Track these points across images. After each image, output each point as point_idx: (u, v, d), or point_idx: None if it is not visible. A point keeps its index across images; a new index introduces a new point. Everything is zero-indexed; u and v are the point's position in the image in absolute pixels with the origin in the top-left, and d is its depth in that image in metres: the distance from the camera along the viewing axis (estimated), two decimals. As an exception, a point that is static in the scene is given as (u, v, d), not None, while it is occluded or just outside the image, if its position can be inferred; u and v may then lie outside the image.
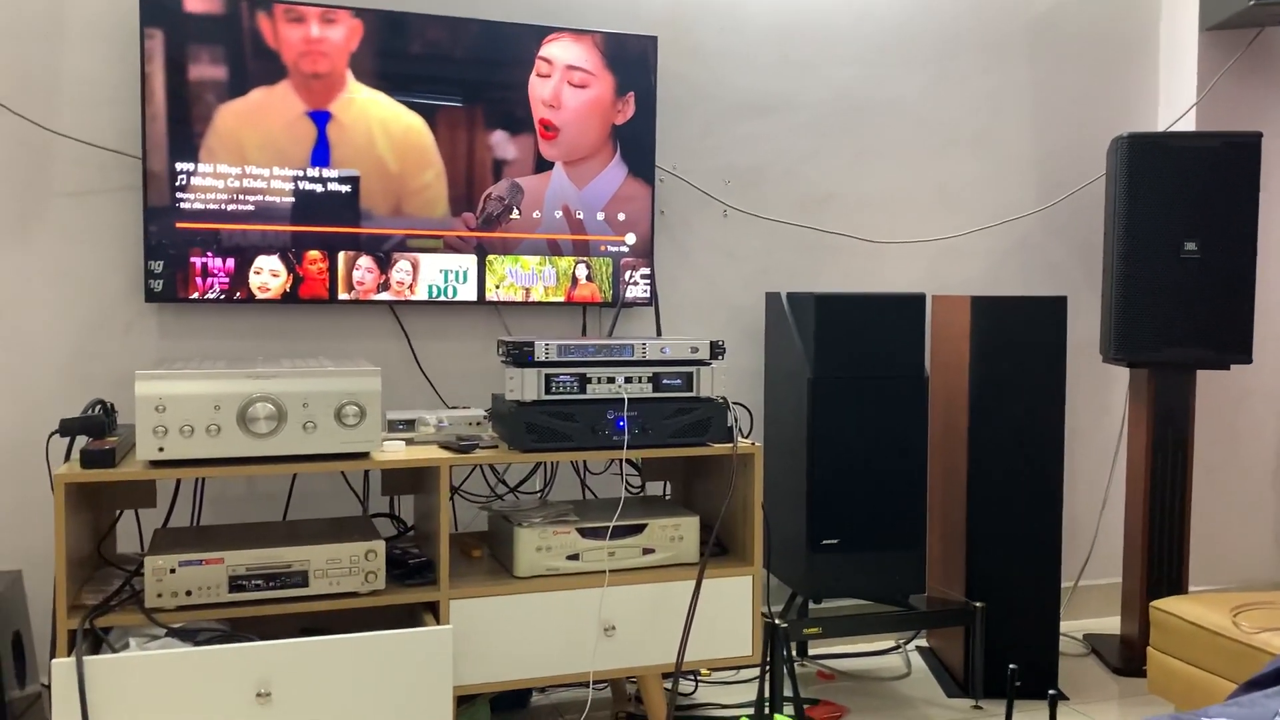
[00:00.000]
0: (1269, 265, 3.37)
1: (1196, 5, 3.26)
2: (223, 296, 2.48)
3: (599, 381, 2.30)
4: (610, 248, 2.78)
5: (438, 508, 2.18)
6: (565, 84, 2.71)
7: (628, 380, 2.32)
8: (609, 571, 2.30)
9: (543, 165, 2.71)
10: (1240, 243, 2.86)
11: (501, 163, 2.67)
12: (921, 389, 2.70)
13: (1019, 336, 2.75)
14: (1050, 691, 1.60)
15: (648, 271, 2.82)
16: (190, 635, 1.99)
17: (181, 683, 1.86)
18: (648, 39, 2.78)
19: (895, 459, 2.68)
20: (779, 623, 2.50)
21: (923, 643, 3.15)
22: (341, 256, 2.56)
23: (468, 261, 2.66)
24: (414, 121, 2.60)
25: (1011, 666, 1.65)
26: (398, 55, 2.57)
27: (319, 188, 2.53)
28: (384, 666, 1.98)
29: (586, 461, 2.81)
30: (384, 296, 2.60)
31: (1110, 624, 3.36)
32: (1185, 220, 2.85)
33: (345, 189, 2.55)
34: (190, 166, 2.44)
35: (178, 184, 2.43)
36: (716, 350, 2.39)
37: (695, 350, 2.37)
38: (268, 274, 2.51)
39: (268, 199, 2.50)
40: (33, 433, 2.46)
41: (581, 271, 2.76)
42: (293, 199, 2.51)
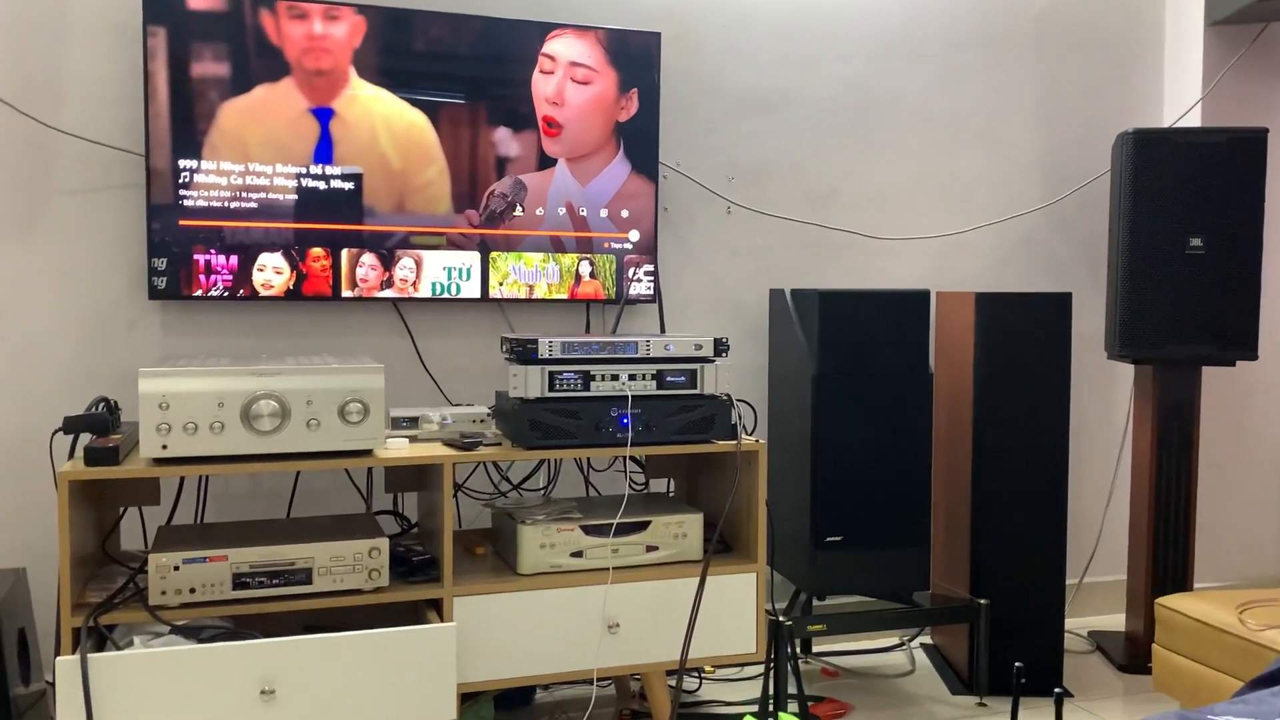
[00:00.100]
0: (1274, 261, 3.36)
1: (1202, 0, 3.25)
2: (226, 294, 2.48)
3: (602, 379, 2.29)
4: (614, 245, 2.78)
5: (441, 505, 2.18)
6: (568, 80, 2.71)
7: (631, 377, 2.31)
8: (613, 569, 2.30)
9: (546, 162, 2.70)
10: (1246, 239, 2.85)
11: (504, 160, 2.67)
12: (926, 386, 2.69)
13: (1023, 333, 2.74)
14: (1056, 689, 1.59)
15: (651, 268, 2.81)
16: (194, 633, 2.00)
17: (185, 680, 1.87)
18: (651, 35, 2.77)
19: (899, 456, 2.68)
20: (783, 620, 2.50)
21: (927, 640, 3.14)
22: (345, 254, 2.56)
23: (471, 259, 2.66)
24: (417, 118, 2.59)
25: (1017, 664, 1.65)
26: (401, 52, 2.57)
27: (322, 185, 2.53)
28: (388, 664, 1.98)
29: (590, 459, 2.80)
30: (387, 294, 2.59)
31: (1115, 621, 3.35)
32: (1190, 216, 2.84)
33: (348, 186, 2.55)
34: (193, 164, 2.43)
35: (181, 181, 2.43)
36: (720, 347, 2.39)
37: (699, 347, 2.37)
38: (271, 271, 2.51)
39: (271, 196, 2.49)
40: (36, 430, 2.46)
41: (585, 268, 2.76)
42: (296, 196, 2.51)
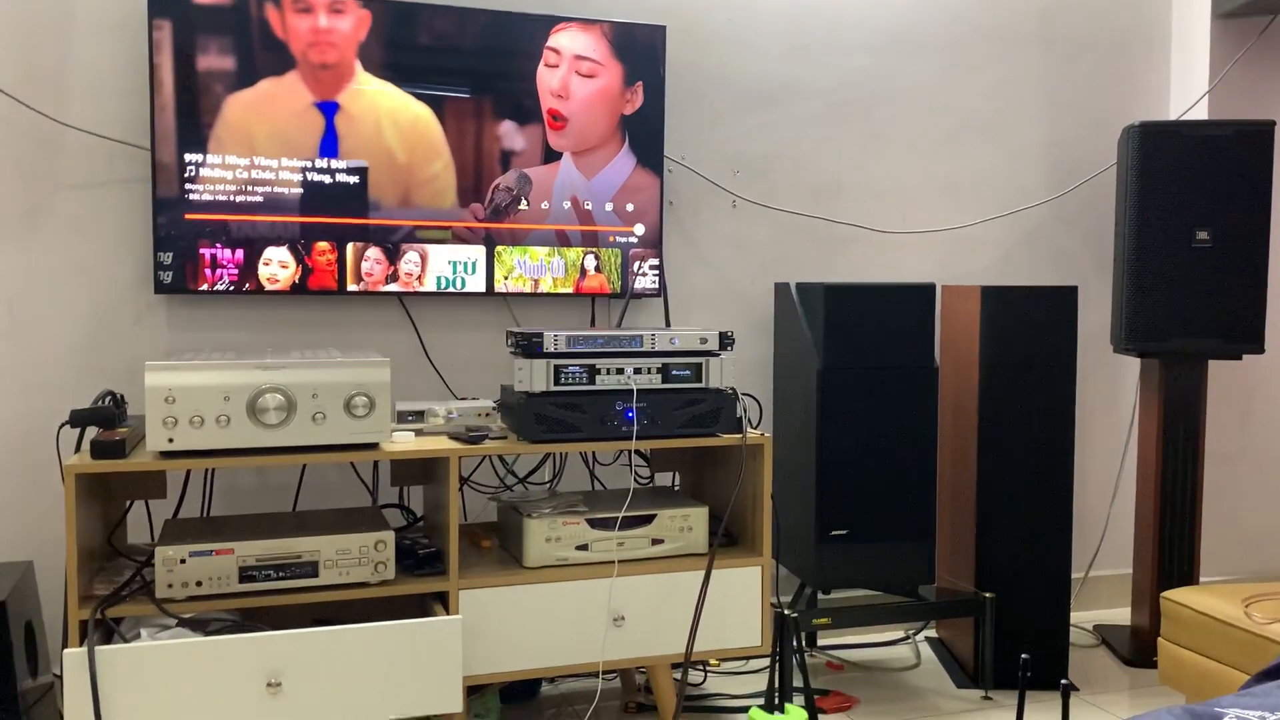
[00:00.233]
0: (1281, 254, 3.35)
1: (1209, -7, 3.25)
2: (232, 288, 2.48)
3: (608, 372, 2.29)
4: (619, 238, 2.78)
5: (447, 498, 2.19)
6: (573, 74, 2.70)
7: (637, 371, 2.31)
8: (618, 562, 2.30)
9: (551, 156, 2.70)
10: (1253, 232, 2.84)
11: (509, 153, 2.67)
12: (931, 379, 2.69)
13: (1029, 326, 2.74)
14: (1063, 681, 1.59)
15: (656, 262, 2.81)
16: (201, 625, 2.00)
17: (192, 673, 1.87)
18: (656, 28, 2.76)
19: (905, 450, 2.67)
20: (788, 613, 2.50)
21: (932, 633, 3.14)
22: (350, 248, 2.56)
23: (476, 252, 2.66)
24: (422, 112, 2.59)
25: (1024, 656, 1.65)
26: (406, 46, 2.56)
27: (327, 179, 2.53)
28: (394, 656, 1.98)
29: (595, 452, 2.81)
30: (392, 288, 2.60)
31: (1121, 615, 3.35)
32: (1197, 209, 2.84)
33: (353, 180, 2.55)
34: (199, 157, 2.44)
35: (186, 175, 2.43)
36: (725, 341, 2.38)
37: (704, 341, 2.37)
38: (276, 265, 2.51)
39: (276, 190, 2.49)
40: (43, 424, 2.47)
41: (590, 262, 2.75)
42: (301, 190, 2.51)
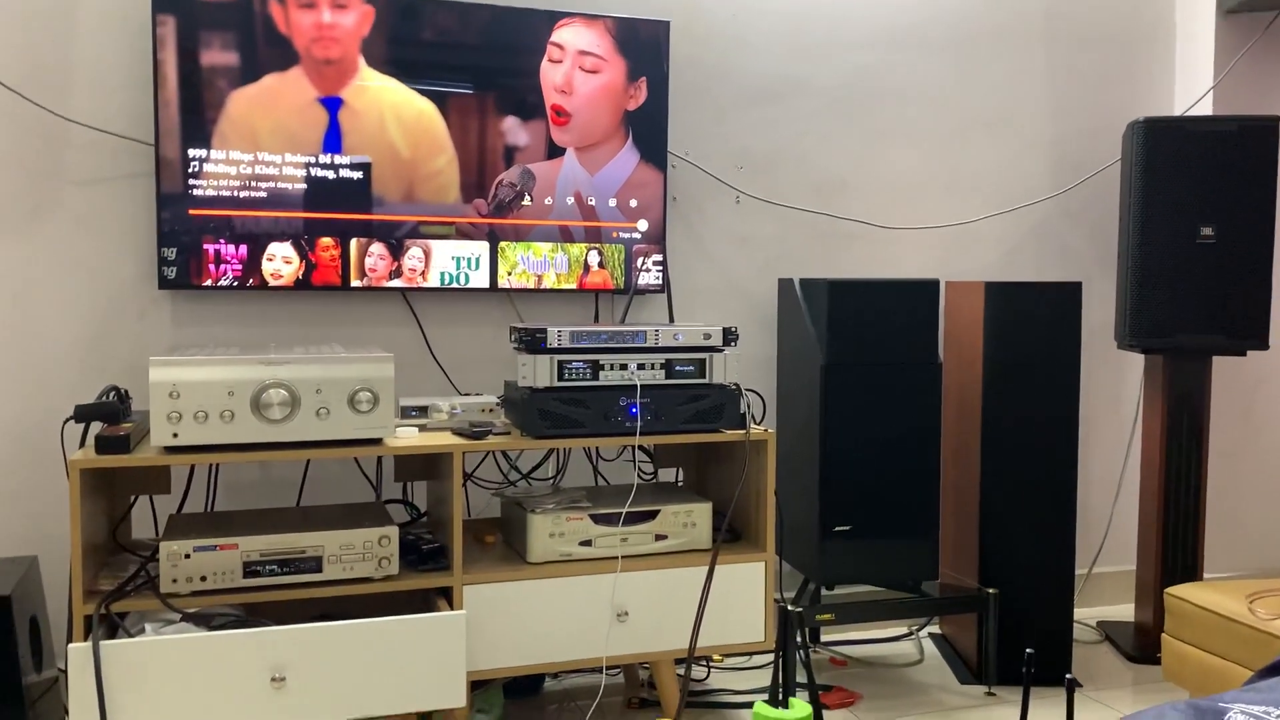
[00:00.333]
0: (1286, 251, 3.34)
1: (1213, -12, 3.24)
2: (235, 284, 2.48)
3: (611, 368, 2.29)
4: (622, 234, 2.77)
5: (451, 494, 2.19)
6: (577, 69, 2.70)
7: (640, 367, 2.31)
8: (622, 557, 2.30)
9: (554, 151, 2.70)
10: (1257, 227, 2.84)
11: (513, 149, 2.67)
12: (935, 375, 2.69)
13: (1033, 322, 2.73)
14: (1068, 676, 1.59)
15: (660, 258, 2.81)
16: (205, 620, 2.00)
17: (197, 667, 1.87)
18: (660, 24, 2.76)
19: (908, 445, 2.67)
20: (792, 609, 2.50)
21: (935, 629, 3.14)
22: (354, 243, 2.56)
23: (480, 248, 2.66)
24: (425, 107, 2.59)
25: (1028, 651, 1.65)
26: (409, 41, 2.56)
27: (331, 174, 2.53)
28: (398, 652, 1.98)
29: (599, 448, 2.81)
30: (396, 283, 2.60)
31: (1124, 611, 3.35)
32: (1201, 205, 2.83)
33: (357, 175, 2.55)
34: (203, 153, 2.44)
35: (190, 170, 2.43)
36: (729, 337, 2.38)
37: (708, 337, 2.37)
38: (280, 261, 2.51)
39: (280, 186, 2.50)
40: (48, 419, 2.47)
41: (594, 258, 2.75)
42: (305, 186, 2.51)
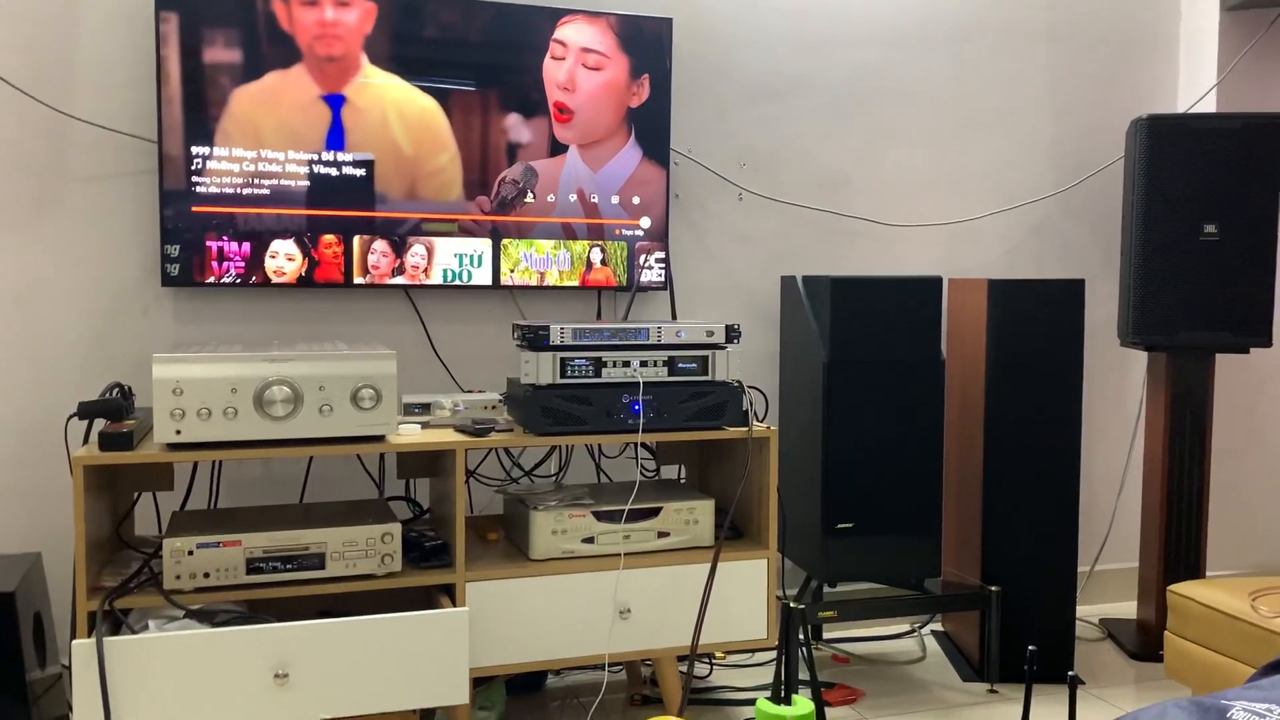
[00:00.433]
0: (1289, 248, 3.34)
1: (1217, -15, 3.23)
2: (238, 281, 2.48)
3: (614, 365, 2.29)
4: (625, 231, 2.77)
5: (453, 491, 2.19)
6: (580, 66, 2.70)
7: (643, 364, 2.31)
8: (624, 554, 2.30)
9: (557, 148, 2.70)
10: (1261, 225, 2.83)
11: (516, 146, 2.67)
12: (938, 373, 2.68)
13: (1036, 320, 2.73)
14: (1070, 673, 1.59)
15: (662, 255, 2.81)
16: (208, 617, 2.01)
17: (200, 664, 1.88)
18: (663, 21, 2.76)
19: (911, 443, 2.67)
20: (794, 606, 2.50)
21: (938, 627, 3.14)
22: (356, 240, 2.56)
23: (482, 245, 2.66)
24: (428, 104, 2.59)
25: (1031, 648, 1.65)
26: (412, 38, 2.56)
27: (334, 171, 2.53)
28: (401, 648, 1.99)
29: (601, 445, 2.81)
30: (399, 280, 2.60)
31: (1127, 609, 3.35)
32: (1205, 202, 2.83)
33: (360, 173, 2.55)
34: (206, 150, 2.44)
35: (193, 168, 2.43)
36: (732, 334, 2.38)
37: (710, 334, 2.37)
38: (283, 258, 2.51)
39: (283, 183, 2.50)
40: (51, 416, 2.48)
41: (596, 255, 2.75)
42: (308, 183, 2.51)
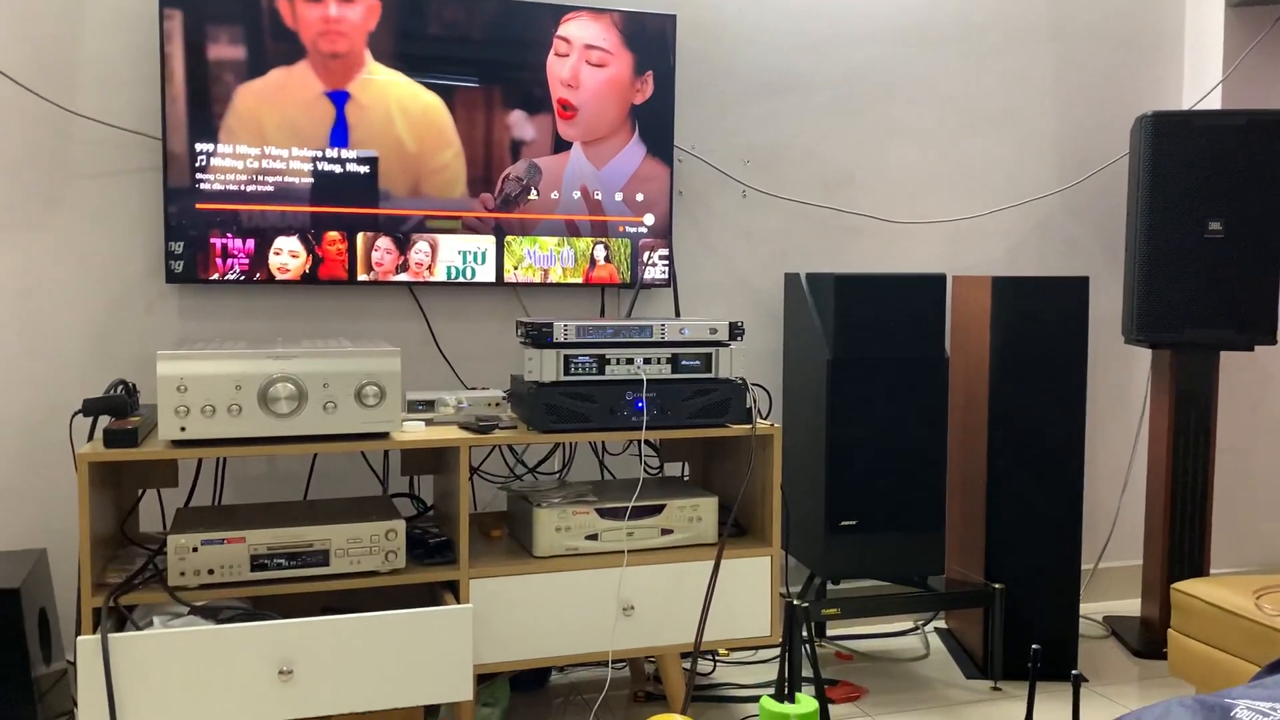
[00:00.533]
0: (1294, 245, 3.33)
1: (1223, -19, 3.23)
2: (242, 277, 2.48)
3: (618, 362, 2.29)
4: (628, 228, 2.77)
5: (457, 488, 2.19)
6: (583, 63, 2.70)
7: (646, 361, 2.31)
8: (628, 552, 2.31)
9: (561, 145, 2.70)
10: (1266, 222, 2.83)
11: (519, 143, 2.66)
12: (941, 370, 2.68)
13: (1040, 317, 2.73)
14: (1074, 672, 1.59)
15: (666, 252, 2.81)
16: (212, 613, 2.01)
17: (205, 660, 1.88)
18: (667, 17, 2.76)
19: (914, 440, 2.67)
20: (798, 603, 2.50)
21: (941, 624, 3.14)
22: (360, 237, 2.56)
23: (486, 242, 2.66)
24: (432, 101, 2.59)
25: (1035, 647, 1.65)
26: (416, 35, 2.56)
27: (338, 168, 2.53)
28: (405, 645, 1.99)
29: (605, 442, 2.81)
30: (402, 278, 2.60)
31: (1130, 606, 3.35)
32: (1209, 199, 2.82)
33: (364, 170, 2.55)
34: (210, 147, 2.44)
35: (197, 165, 2.43)
36: (735, 331, 2.38)
37: (714, 331, 2.37)
38: (287, 255, 2.51)
39: (287, 180, 2.50)
40: (56, 413, 2.48)
41: (600, 252, 2.75)
42: (312, 180, 2.51)
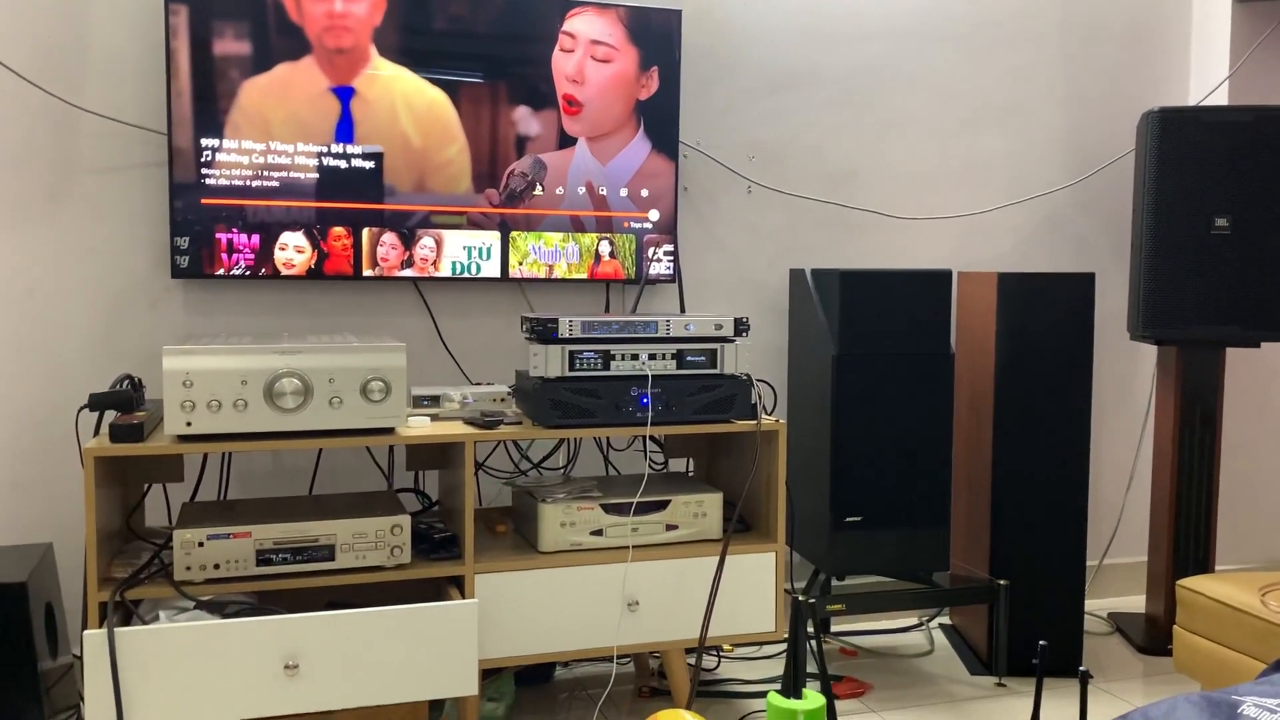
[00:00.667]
0: (1301, 242, 3.32)
1: (1230, -23, 3.21)
2: (248, 273, 2.49)
3: (622, 358, 2.29)
4: (633, 224, 2.77)
5: (462, 483, 2.19)
6: (589, 58, 2.69)
7: (651, 357, 2.31)
8: (632, 547, 2.31)
9: (566, 141, 2.70)
10: (1272, 218, 2.82)
11: (525, 138, 2.66)
12: (947, 366, 2.68)
13: (1046, 313, 2.72)
14: (1081, 668, 1.59)
15: (671, 248, 2.81)
16: (219, 608, 2.02)
17: (211, 654, 1.88)
18: (672, 13, 2.75)
19: (920, 436, 2.67)
20: (802, 599, 2.50)
21: (946, 620, 3.14)
22: (365, 233, 2.56)
23: (491, 238, 2.66)
24: (437, 97, 2.59)
25: (1042, 643, 1.65)
26: (421, 30, 2.56)
27: (343, 164, 2.53)
28: (410, 640, 1.99)
29: (610, 438, 2.81)
30: (408, 273, 2.60)
31: (1135, 603, 3.35)
32: (1216, 196, 2.81)
33: (369, 165, 2.55)
34: (215, 142, 2.44)
35: (203, 160, 2.44)
36: (740, 327, 2.38)
37: (719, 327, 2.36)
38: (292, 250, 2.51)
39: (292, 175, 2.50)
40: (62, 407, 2.48)
41: (605, 248, 2.75)
42: (317, 175, 2.51)
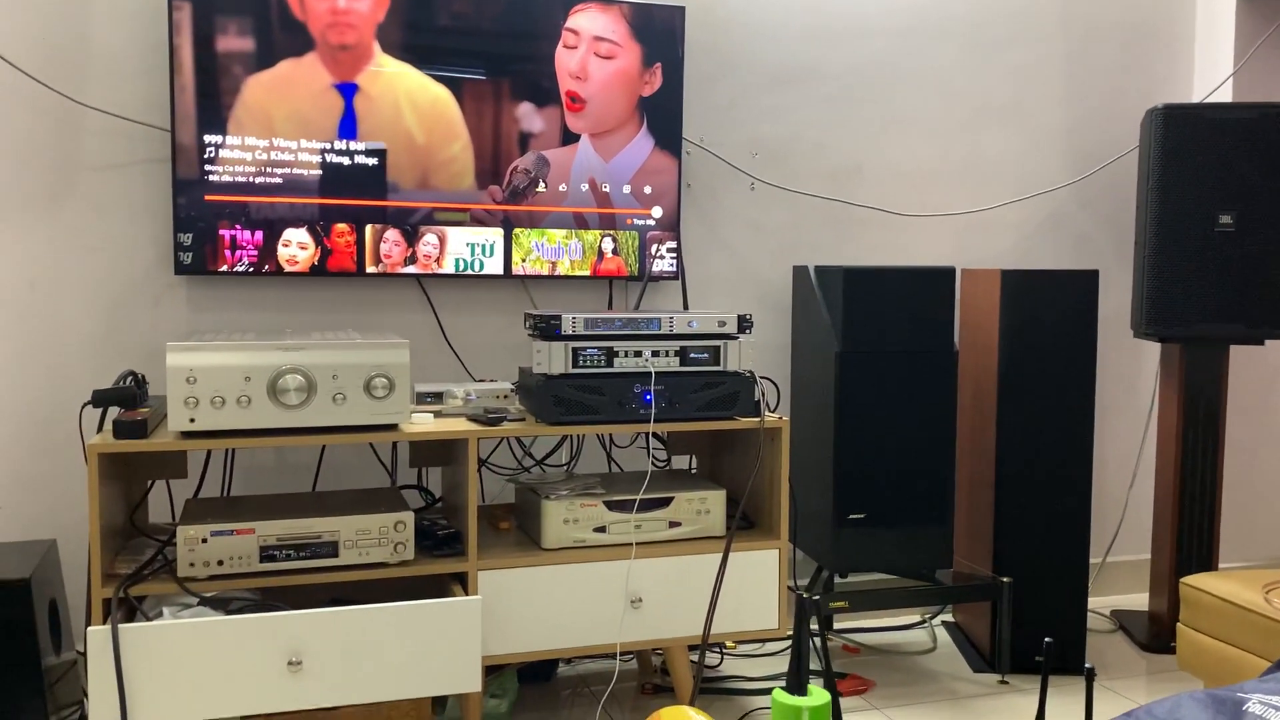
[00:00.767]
0: (1305, 239, 3.31)
1: (1234, -27, 3.21)
2: (251, 269, 2.49)
3: (626, 355, 2.29)
4: (637, 221, 2.77)
5: (466, 480, 2.19)
6: (592, 55, 2.69)
7: (655, 354, 2.31)
8: (635, 544, 2.31)
9: (569, 138, 2.69)
10: (1277, 216, 2.81)
11: (528, 135, 2.66)
12: (950, 363, 2.68)
13: (1049, 311, 2.72)
14: (1087, 666, 1.59)
15: (674, 245, 2.80)
16: (222, 604, 2.02)
17: (215, 651, 1.89)
18: (675, 9, 2.75)
19: (923, 433, 2.67)
20: (806, 596, 2.50)
21: (949, 617, 3.14)
22: (369, 229, 2.56)
23: (494, 235, 2.66)
24: (441, 93, 2.59)
25: (1047, 640, 1.65)
26: (424, 27, 2.56)
27: (346, 160, 2.53)
28: (414, 636, 1.99)
29: (613, 435, 2.81)
30: (411, 270, 2.60)
31: (1139, 600, 3.34)
32: (1220, 193, 2.81)
33: (372, 162, 2.55)
34: (218, 139, 2.44)
35: (206, 156, 2.43)
36: (744, 324, 2.38)
37: (722, 324, 2.36)
38: (296, 247, 2.51)
39: (295, 171, 2.50)
40: (65, 404, 2.49)
41: (608, 245, 2.75)
42: (320, 172, 2.51)
